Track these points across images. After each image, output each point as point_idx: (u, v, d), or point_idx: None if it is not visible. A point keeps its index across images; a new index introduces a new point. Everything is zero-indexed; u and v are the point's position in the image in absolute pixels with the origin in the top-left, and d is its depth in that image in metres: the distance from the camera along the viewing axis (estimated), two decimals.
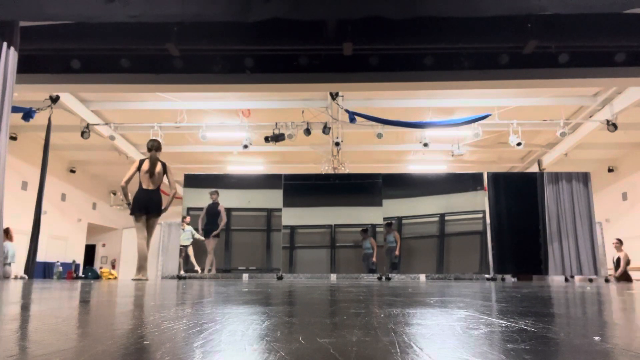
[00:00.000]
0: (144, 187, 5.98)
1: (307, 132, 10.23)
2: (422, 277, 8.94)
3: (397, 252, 7.69)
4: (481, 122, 9.48)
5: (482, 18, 5.77)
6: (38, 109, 8.87)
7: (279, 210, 7.83)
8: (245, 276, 8.56)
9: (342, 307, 1.58)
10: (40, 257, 9.40)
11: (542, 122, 10.46)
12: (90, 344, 0.74)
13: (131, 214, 5.97)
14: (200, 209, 7.91)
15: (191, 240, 8.13)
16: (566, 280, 7.96)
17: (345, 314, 1.31)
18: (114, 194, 16.80)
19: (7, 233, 7.25)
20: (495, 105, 10.03)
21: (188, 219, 8.17)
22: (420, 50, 6.61)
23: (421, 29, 6.20)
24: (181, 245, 8.46)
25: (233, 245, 7.89)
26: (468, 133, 10.77)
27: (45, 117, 8.58)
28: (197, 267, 7.93)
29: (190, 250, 8.23)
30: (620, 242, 9.57)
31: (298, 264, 7.83)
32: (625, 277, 9.26)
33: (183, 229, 8.56)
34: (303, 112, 9.97)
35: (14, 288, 3.31)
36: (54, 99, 8.97)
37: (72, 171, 14.60)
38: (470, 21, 5.90)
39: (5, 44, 5.56)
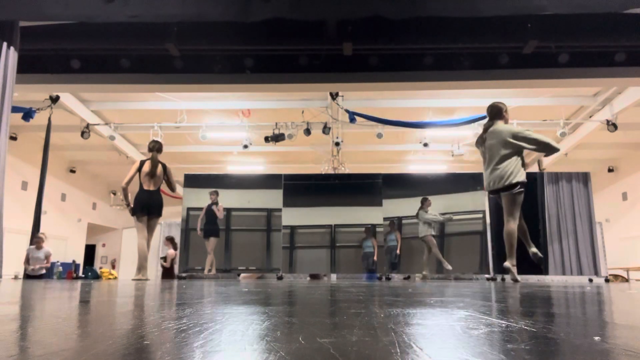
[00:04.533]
0: (145, 188, 5.99)
1: (307, 132, 10.22)
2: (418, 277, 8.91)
3: (398, 251, 7.70)
4: (481, 122, 9.48)
5: (482, 18, 5.77)
6: (38, 109, 8.87)
7: (279, 210, 7.82)
8: None
9: (342, 307, 1.58)
10: None
11: (542, 122, 10.46)
12: (91, 344, 0.74)
13: (133, 214, 5.97)
14: (200, 209, 7.90)
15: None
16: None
17: (345, 314, 1.31)
18: (114, 194, 16.80)
19: None
20: None
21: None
22: (420, 50, 6.61)
23: (421, 29, 6.20)
24: None
25: (233, 245, 7.88)
26: (468, 133, 10.77)
27: (45, 117, 8.59)
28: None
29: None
30: None
31: (298, 264, 7.82)
32: None
33: None
34: (303, 112, 9.97)
35: (14, 288, 3.31)
36: (54, 99, 8.97)
37: (72, 171, 14.60)
38: (470, 21, 5.91)
39: (5, 44, 5.56)
